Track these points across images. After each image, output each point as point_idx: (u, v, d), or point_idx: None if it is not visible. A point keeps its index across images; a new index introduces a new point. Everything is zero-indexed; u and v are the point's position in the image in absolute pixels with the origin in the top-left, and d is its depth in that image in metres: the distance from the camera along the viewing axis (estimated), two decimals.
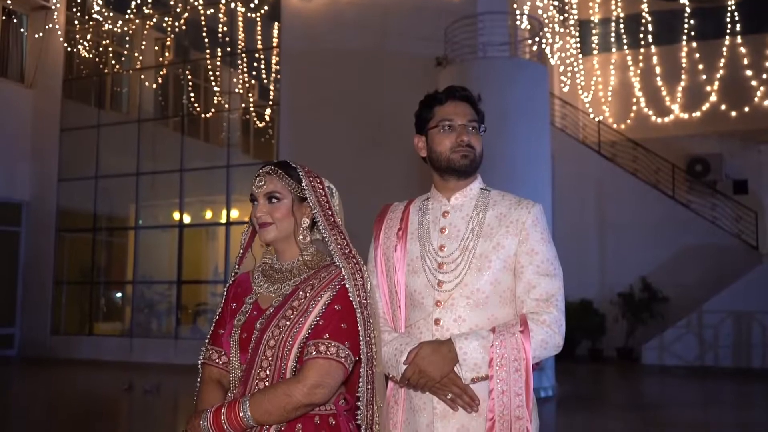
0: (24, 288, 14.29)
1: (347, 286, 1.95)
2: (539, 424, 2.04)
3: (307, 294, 1.97)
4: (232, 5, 13.83)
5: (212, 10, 13.94)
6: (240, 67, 14.19)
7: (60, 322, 14.43)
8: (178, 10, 14.10)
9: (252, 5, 13.69)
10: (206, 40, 14.13)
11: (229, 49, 14.27)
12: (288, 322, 1.93)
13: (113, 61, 14.95)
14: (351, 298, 1.94)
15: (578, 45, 17.30)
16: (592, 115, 16.74)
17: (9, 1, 14.16)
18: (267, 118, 14.43)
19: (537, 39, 12.10)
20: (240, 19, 13.97)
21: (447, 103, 2.14)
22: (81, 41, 14.73)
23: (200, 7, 13.92)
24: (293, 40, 12.96)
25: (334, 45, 12.41)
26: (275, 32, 13.66)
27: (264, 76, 14.13)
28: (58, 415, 8.37)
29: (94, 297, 14.60)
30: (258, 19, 13.84)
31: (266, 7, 13.68)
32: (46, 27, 14.35)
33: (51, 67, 14.72)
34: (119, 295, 14.99)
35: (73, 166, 14.52)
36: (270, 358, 1.92)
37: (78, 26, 14.95)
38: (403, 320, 2.12)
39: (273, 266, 2.10)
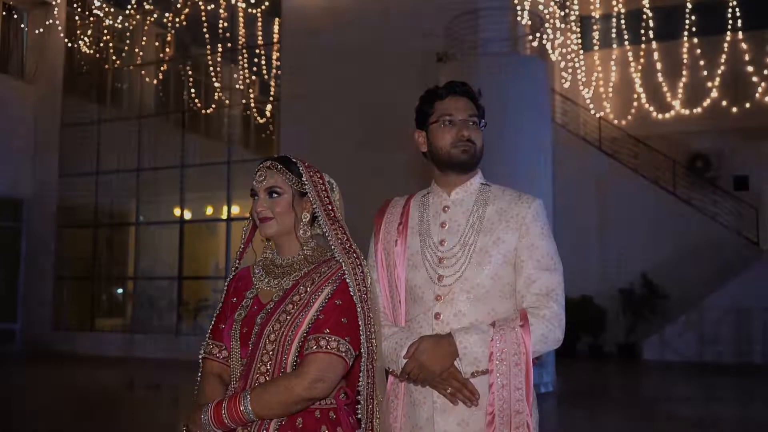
0: (25, 283, 14.29)
1: (348, 280, 1.95)
2: (539, 419, 2.03)
3: (308, 288, 1.97)
4: (233, 1, 13.81)
5: (212, 6, 13.92)
6: (240, 63, 14.17)
7: (61, 318, 14.43)
8: (178, 5, 14.08)
9: (252, 1, 13.67)
10: (207, 36, 14.10)
11: (229, 44, 14.24)
12: (288, 317, 1.93)
13: (114, 57, 14.92)
14: (351, 293, 1.94)
15: (579, 41, 17.26)
16: (593, 111, 16.72)
17: None
18: (268, 113, 14.43)
19: (538, 35, 12.09)
20: (240, 14, 13.95)
21: (447, 98, 2.14)
22: (81, 37, 14.71)
23: (200, 3, 13.90)
24: (293, 35, 12.92)
25: (334, 40, 12.37)
26: (276, 28, 13.63)
27: (265, 71, 14.11)
28: (60, 410, 8.37)
29: (95, 292, 14.59)
30: (258, 14, 13.82)
31: (266, 3, 13.66)
32: (47, 23, 14.33)
33: (52, 62, 14.71)
34: (120, 290, 15.00)
35: (73, 162, 14.51)
36: (270, 353, 1.92)
37: (79, 22, 14.92)
38: (403, 315, 2.12)
39: (274, 261, 2.11)
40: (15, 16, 14.72)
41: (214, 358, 2.07)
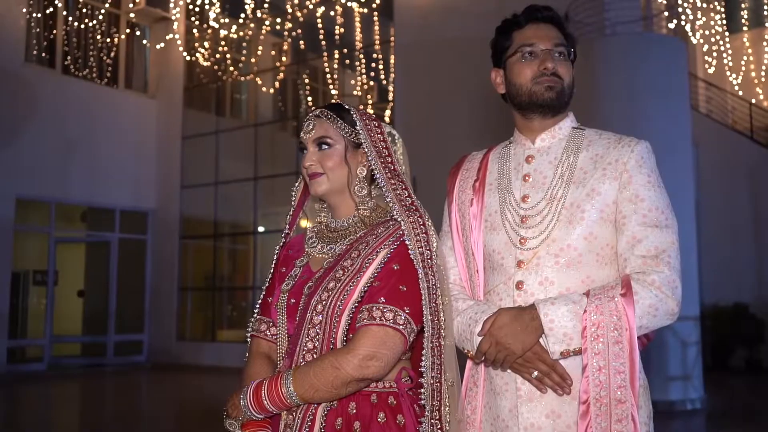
0: (151, 295, 14.58)
1: (407, 242, 1.71)
2: (652, 413, 1.71)
3: (361, 252, 1.75)
4: (348, 3, 13.52)
5: (323, 8, 13.67)
6: (357, 68, 13.90)
7: (185, 329, 14.63)
8: (295, 13, 13.95)
9: (363, 0, 13.33)
10: (323, 41, 13.90)
11: (345, 50, 14.00)
12: (338, 284, 1.72)
13: (231, 68, 15.02)
14: (412, 256, 1.70)
15: (724, 22, 15.75)
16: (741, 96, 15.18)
17: (132, 15, 14.52)
18: (387, 119, 14.01)
19: (674, 13, 10.93)
20: (357, 18, 13.64)
21: (527, 26, 1.86)
22: (199, 49, 14.91)
23: (312, 7, 13.69)
24: (406, 33, 12.47)
25: (449, 36, 11.76)
26: (391, 30, 13.25)
27: (383, 76, 13.78)
28: (184, 421, 8.52)
29: (217, 303, 14.70)
30: (375, 18, 13.45)
31: (377, 1, 13.24)
32: (167, 37, 14.61)
33: (172, 76, 15.01)
34: (241, 301, 15.03)
35: (194, 174, 14.70)
36: (318, 326, 1.72)
37: (197, 35, 15.14)
38: (481, 287, 1.85)
39: (328, 225, 1.91)
40: (138, 33, 15.13)
41: (262, 335, 1.88)
